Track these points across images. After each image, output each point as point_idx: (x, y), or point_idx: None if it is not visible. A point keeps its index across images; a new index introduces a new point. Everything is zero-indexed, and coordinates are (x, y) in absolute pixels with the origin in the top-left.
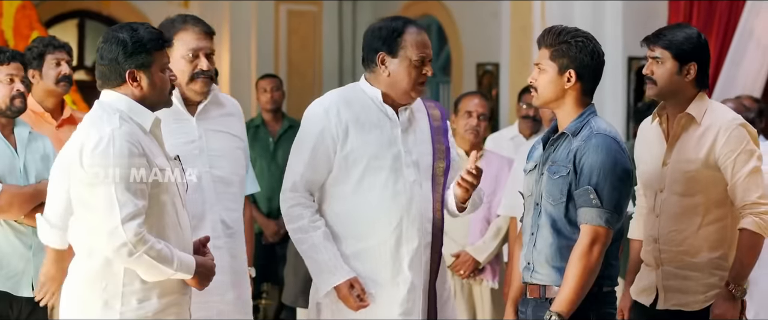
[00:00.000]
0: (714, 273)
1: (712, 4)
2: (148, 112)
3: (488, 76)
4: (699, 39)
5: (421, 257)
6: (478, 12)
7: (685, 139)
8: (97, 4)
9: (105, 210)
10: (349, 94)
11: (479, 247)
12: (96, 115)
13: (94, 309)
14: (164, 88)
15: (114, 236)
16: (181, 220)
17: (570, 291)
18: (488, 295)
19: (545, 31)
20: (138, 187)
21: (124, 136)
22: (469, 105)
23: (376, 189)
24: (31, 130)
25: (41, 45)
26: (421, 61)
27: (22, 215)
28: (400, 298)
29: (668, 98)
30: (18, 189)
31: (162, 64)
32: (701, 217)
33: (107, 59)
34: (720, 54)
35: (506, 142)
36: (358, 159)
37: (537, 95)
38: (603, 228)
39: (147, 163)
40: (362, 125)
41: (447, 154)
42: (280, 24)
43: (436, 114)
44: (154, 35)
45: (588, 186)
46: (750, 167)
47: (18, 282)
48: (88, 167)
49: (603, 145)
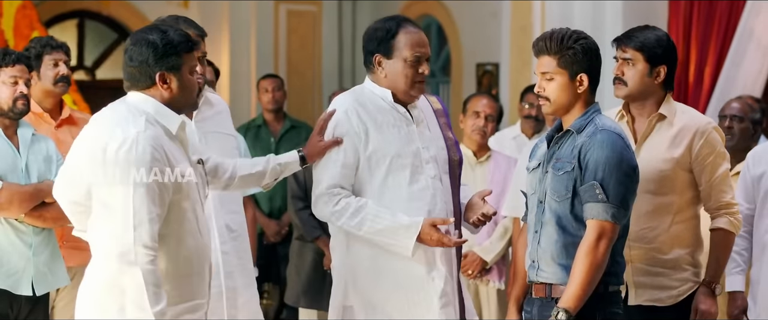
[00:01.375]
0: (685, 268)
1: (712, 5)
2: (175, 115)
3: (488, 76)
4: (668, 42)
5: (450, 250)
6: (478, 12)
7: (656, 138)
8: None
9: (120, 213)
10: (360, 96)
11: (486, 248)
12: (122, 116)
13: (110, 313)
14: (193, 91)
15: (123, 240)
16: (200, 227)
17: (577, 287)
18: (494, 296)
19: (545, 39)
20: (156, 194)
21: (148, 139)
22: (477, 105)
23: (401, 187)
24: (34, 132)
25: (39, 46)
26: (417, 59)
27: (22, 213)
28: (439, 291)
29: (637, 99)
30: (18, 188)
31: (191, 66)
32: (673, 216)
33: (137, 61)
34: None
35: (508, 141)
36: (380, 159)
37: (549, 104)
38: (609, 223)
39: (169, 169)
40: (380, 125)
41: (456, 145)
42: (280, 24)
43: (440, 109)
44: (184, 38)
45: (594, 182)
46: (723, 169)
47: (18, 280)
48: (110, 167)
49: (608, 140)
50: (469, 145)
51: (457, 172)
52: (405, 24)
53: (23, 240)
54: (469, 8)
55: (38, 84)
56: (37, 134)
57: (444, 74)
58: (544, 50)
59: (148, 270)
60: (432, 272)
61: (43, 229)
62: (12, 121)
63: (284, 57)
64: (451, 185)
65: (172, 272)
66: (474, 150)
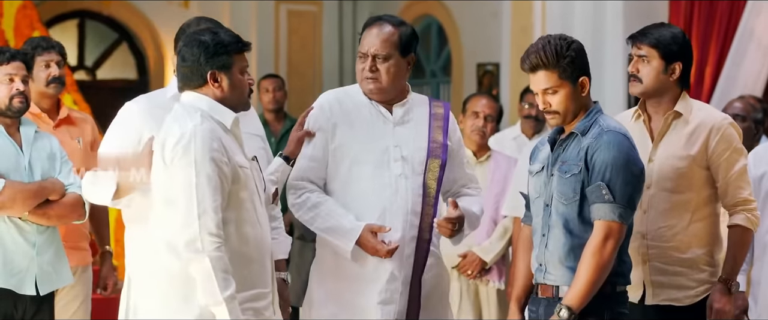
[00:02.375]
0: (703, 268)
1: (712, 5)
2: (229, 111)
3: (488, 76)
4: (684, 38)
5: (403, 249)
6: (478, 12)
7: (672, 136)
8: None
9: (183, 204)
10: (343, 93)
11: (486, 247)
12: (178, 114)
13: (173, 304)
14: (243, 90)
15: (188, 229)
16: (260, 218)
17: (582, 286)
18: (494, 296)
19: (538, 53)
20: (217, 183)
21: (205, 132)
22: (477, 106)
23: (361, 182)
24: (37, 129)
25: (30, 47)
26: (363, 56)
27: (25, 212)
28: (379, 288)
29: (653, 96)
30: (21, 186)
31: (241, 66)
32: (691, 213)
33: (189, 61)
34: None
35: (509, 141)
36: (345, 153)
37: (559, 116)
38: (616, 224)
39: (227, 160)
40: (352, 122)
41: (444, 150)
42: (280, 24)
43: (440, 112)
44: (235, 38)
45: (600, 182)
46: (740, 166)
47: (21, 279)
48: (170, 162)
49: (614, 141)
50: (469, 145)
51: (435, 175)
52: (370, 24)
53: (27, 238)
54: (469, 8)
55: (32, 85)
56: (41, 131)
57: (444, 74)
58: (542, 65)
59: (215, 256)
60: (378, 268)
61: (47, 228)
62: (12, 119)
63: (285, 57)
64: (424, 186)
65: (232, 260)
66: (474, 150)
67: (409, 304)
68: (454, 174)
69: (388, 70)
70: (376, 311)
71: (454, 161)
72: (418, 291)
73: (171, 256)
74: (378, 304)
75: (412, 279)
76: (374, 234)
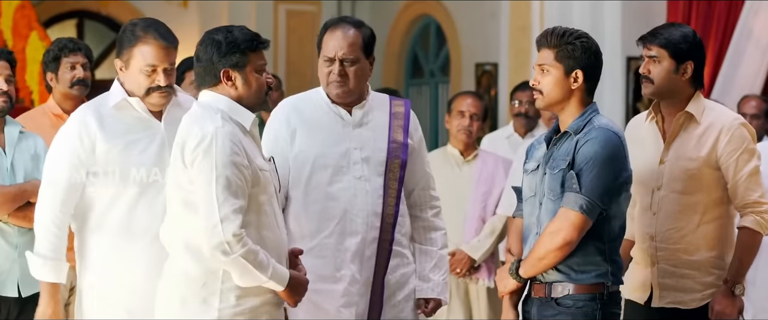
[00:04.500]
0: (712, 271)
1: (710, 4)
2: (248, 112)
3: (487, 75)
4: (695, 38)
5: (364, 251)
6: (477, 12)
7: (684, 137)
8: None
9: (205, 208)
10: (304, 97)
11: (474, 245)
12: (197, 114)
13: (192, 307)
14: (259, 89)
15: (213, 234)
16: (278, 221)
17: (531, 260)
18: (484, 294)
19: (547, 32)
20: (238, 187)
21: (226, 135)
22: (462, 105)
23: (321, 185)
24: (22, 129)
25: (57, 48)
26: (329, 60)
27: (6, 214)
28: (340, 291)
29: (665, 97)
30: (1, 189)
31: (256, 65)
32: (700, 215)
33: (203, 60)
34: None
35: (502, 141)
36: (306, 159)
37: (542, 97)
38: (575, 214)
39: (247, 163)
40: (310, 127)
41: (404, 149)
42: (279, 24)
43: (400, 112)
44: (249, 36)
45: (572, 171)
46: (751, 167)
47: (3, 282)
48: (190, 164)
49: (602, 137)
50: (456, 144)
51: (396, 175)
52: (331, 25)
53: (8, 240)
54: (468, 8)
55: (57, 86)
56: (26, 131)
57: (443, 74)
58: (545, 43)
59: (244, 252)
60: (340, 270)
61: (30, 230)
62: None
63: (283, 57)
64: (385, 187)
65: None
66: (461, 149)
67: (371, 306)
68: (416, 174)
69: (356, 73)
70: (337, 313)
71: (416, 160)
72: (380, 293)
73: (188, 257)
74: (340, 307)
75: (374, 280)
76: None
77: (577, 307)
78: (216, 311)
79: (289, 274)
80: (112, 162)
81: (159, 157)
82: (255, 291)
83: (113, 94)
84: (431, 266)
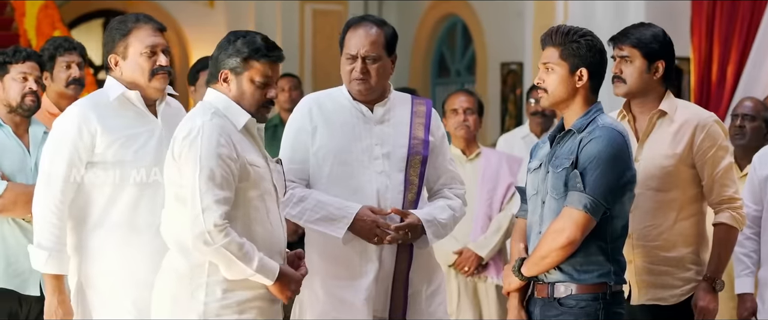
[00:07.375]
0: (689, 267)
1: (734, 4)
2: (243, 112)
3: (512, 75)
4: (665, 37)
5: (386, 246)
6: (502, 11)
7: (658, 135)
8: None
9: (189, 199)
10: (326, 94)
11: (481, 243)
12: (194, 111)
13: (182, 303)
14: (252, 100)
15: (195, 224)
16: (271, 218)
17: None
18: (493, 292)
19: (551, 31)
20: (223, 178)
21: (214, 127)
22: (454, 103)
23: (344, 181)
24: (46, 130)
25: (52, 47)
26: (352, 57)
27: (27, 214)
28: (366, 284)
29: (637, 96)
30: (23, 188)
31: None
32: (677, 212)
33: (213, 57)
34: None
35: (518, 141)
36: (327, 154)
37: (547, 95)
38: (579, 213)
39: (235, 157)
40: (332, 123)
41: (425, 146)
42: (305, 24)
43: (421, 110)
44: (256, 46)
45: (575, 171)
46: (726, 163)
47: (25, 280)
48: (177, 157)
49: (606, 136)
50: (457, 144)
51: (417, 171)
52: (353, 23)
53: (30, 239)
54: (494, 8)
55: (52, 85)
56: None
57: (469, 73)
58: (549, 41)
59: (227, 242)
60: (366, 265)
61: None
62: (23, 118)
63: (310, 57)
64: (405, 182)
65: None
66: (462, 147)
67: (394, 301)
68: (438, 171)
69: (378, 70)
70: (361, 308)
71: (438, 157)
72: (404, 288)
73: (179, 253)
74: (364, 301)
75: (396, 275)
76: (372, 211)
77: (579, 307)
78: (201, 304)
79: (279, 269)
80: (112, 156)
81: (158, 155)
82: (243, 284)
83: (112, 89)
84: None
